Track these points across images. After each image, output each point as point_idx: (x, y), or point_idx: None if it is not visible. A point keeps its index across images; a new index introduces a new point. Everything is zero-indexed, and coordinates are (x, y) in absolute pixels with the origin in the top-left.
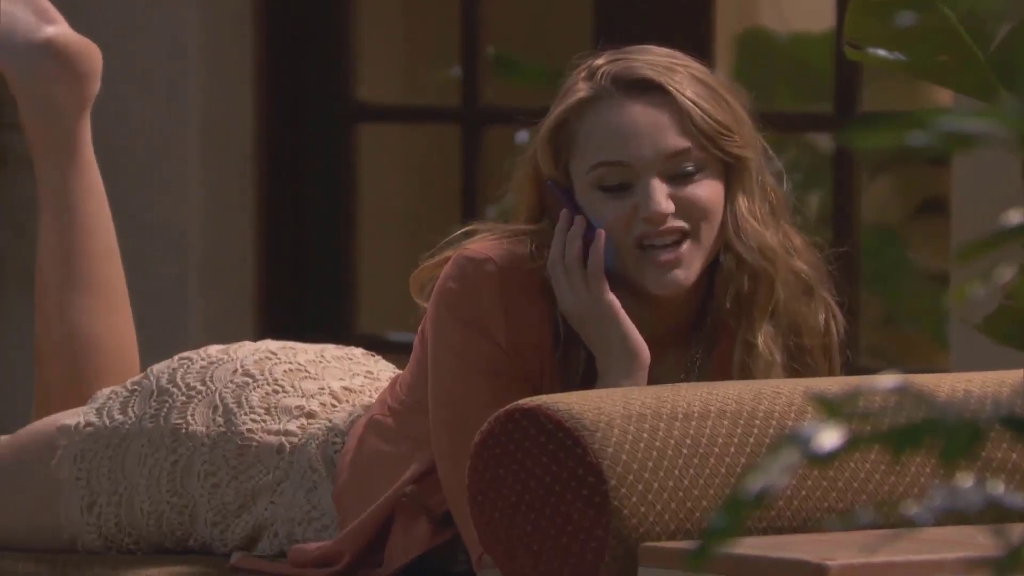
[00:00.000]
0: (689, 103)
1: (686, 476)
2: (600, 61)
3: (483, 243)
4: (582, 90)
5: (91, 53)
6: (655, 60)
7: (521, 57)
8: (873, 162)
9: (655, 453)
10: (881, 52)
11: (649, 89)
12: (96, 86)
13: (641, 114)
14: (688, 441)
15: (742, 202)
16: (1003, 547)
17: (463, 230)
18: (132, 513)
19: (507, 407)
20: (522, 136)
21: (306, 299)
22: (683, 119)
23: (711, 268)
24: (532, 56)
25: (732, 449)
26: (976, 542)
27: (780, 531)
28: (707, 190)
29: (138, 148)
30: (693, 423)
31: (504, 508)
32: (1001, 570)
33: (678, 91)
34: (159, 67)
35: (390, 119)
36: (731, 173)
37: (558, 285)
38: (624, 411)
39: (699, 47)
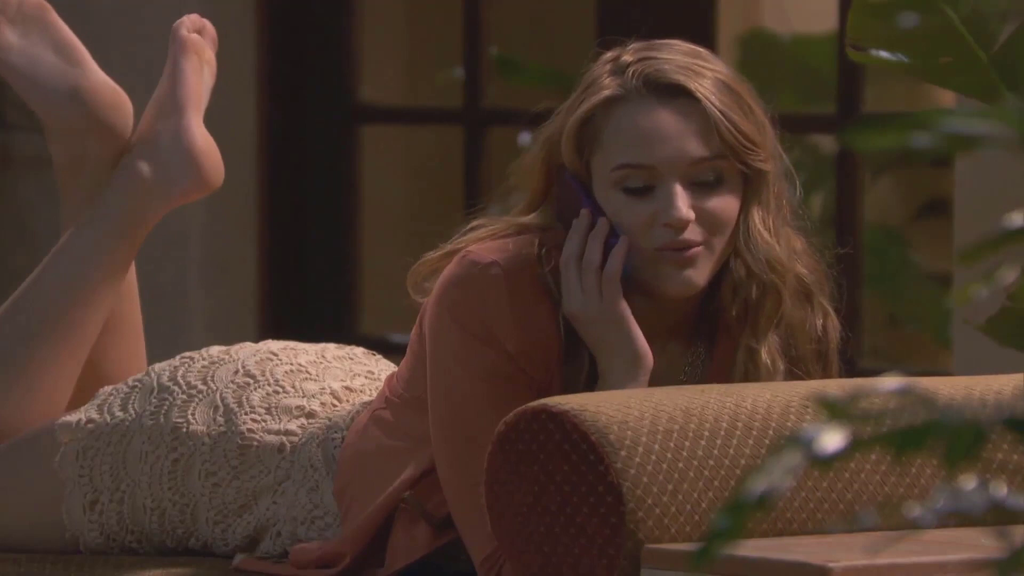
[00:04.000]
0: (718, 113)
1: (705, 499)
2: (628, 57)
3: (486, 244)
4: (610, 87)
5: (121, 103)
6: (685, 63)
7: (524, 58)
8: (876, 163)
9: (676, 475)
10: (883, 53)
11: (679, 94)
12: (127, 137)
13: (669, 119)
14: (711, 462)
15: (756, 214)
16: (1006, 549)
17: (470, 226)
18: (135, 509)
19: (533, 405)
20: (524, 137)
21: (308, 300)
22: (710, 129)
23: (719, 269)
24: (534, 57)
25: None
26: (979, 544)
27: (781, 531)
28: (725, 204)
29: None
30: (718, 442)
31: (519, 505)
32: (1003, 571)
33: (707, 99)
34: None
35: (392, 120)
36: (749, 184)
37: (568, 284)
38: (651, 427)
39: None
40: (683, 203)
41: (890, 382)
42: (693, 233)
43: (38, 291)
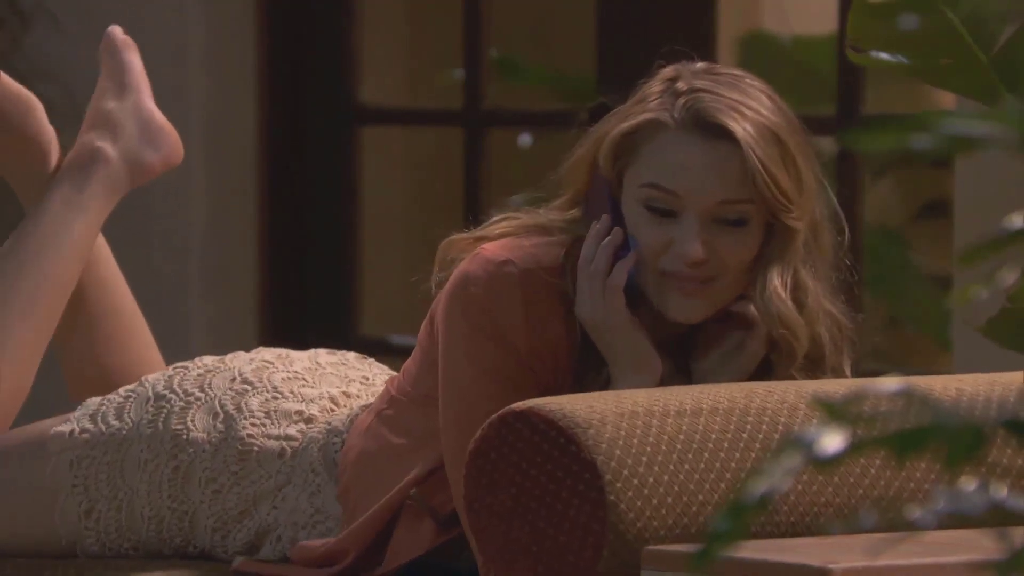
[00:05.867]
0: (757, 163)
1: (680, 471)
2: (683, 84)
3: (502, 242)
4: (658, 111)
5: (30, 107)
6: (737, 103)
7: (524, 58)
8: (876, 164)
9: (649, 449)
10: (884, 55)
11: (722, 135)
12: (46, 138)
13: (708, 157)
14: (681, 437)
15: (775, 269)
16: (1006, 550)
17: (503, 216)
18: (132, 518)
19: (499, 411)
20: (525, 138)
21: (308, 302)
22: (746, 176)
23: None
24: (535, 57)
25: (726, 445)
26: (979, 545)
27: (778, 529)
28: (741, 247)
29: None
30: (685, 420)
31: (501, 512)
32: (1004, 573)
33: (749, 147)
34: (162, 70)
35: (393, 122)
36: (774, 237)
37: (579, 288)
38: (616, 409)
39: (701, 49)
40: (699, 241)
41: (890, 383)
42: (703, 269)
43: None
